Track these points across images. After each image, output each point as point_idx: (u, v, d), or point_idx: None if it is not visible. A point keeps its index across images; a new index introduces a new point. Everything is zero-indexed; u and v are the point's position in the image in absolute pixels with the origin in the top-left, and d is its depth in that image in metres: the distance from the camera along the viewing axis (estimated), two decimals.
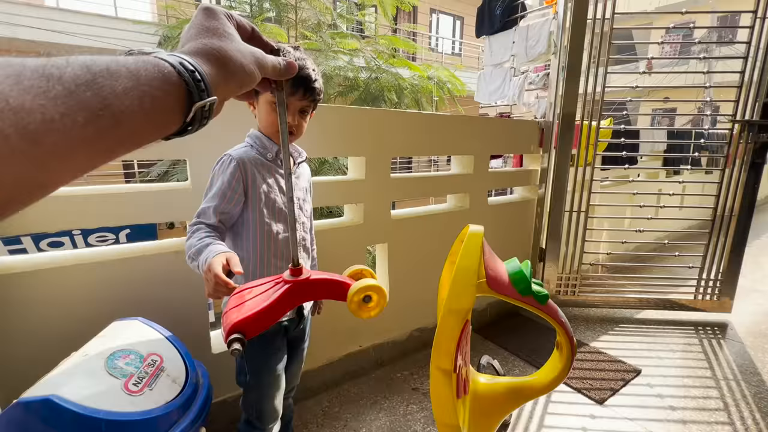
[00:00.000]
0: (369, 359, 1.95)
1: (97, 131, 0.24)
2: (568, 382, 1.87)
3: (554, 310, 0.83)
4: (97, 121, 0.24)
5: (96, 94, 0.24)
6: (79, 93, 0.23)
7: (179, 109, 0.31)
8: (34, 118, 0.21)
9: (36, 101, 0.21)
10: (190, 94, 0.31)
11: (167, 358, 0.97)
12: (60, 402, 0.73)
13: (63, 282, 1.16)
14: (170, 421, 0.86)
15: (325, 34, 6.12)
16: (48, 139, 0.21)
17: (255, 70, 0.39)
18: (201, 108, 0.33)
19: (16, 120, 0.20)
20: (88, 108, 0.23)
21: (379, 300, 0.71)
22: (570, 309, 2.64)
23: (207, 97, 0.33)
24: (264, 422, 1.12)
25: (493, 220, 2.38)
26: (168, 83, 0.30)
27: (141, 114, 0.27)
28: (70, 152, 0.23)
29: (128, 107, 0.26)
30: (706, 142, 2.79)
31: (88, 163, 0.25)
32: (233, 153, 1.03)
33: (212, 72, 0.34)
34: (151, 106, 0.28)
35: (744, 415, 1.67)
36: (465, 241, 0.79)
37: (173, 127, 0.32)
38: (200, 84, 0.32)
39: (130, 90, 0.26)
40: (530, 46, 3.25)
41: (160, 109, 0.29)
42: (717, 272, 2.53)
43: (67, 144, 0.23)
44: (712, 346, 2.23)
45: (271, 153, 1.07)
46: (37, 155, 0.21)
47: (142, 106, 0.27)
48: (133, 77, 0.27)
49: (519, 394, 0.89)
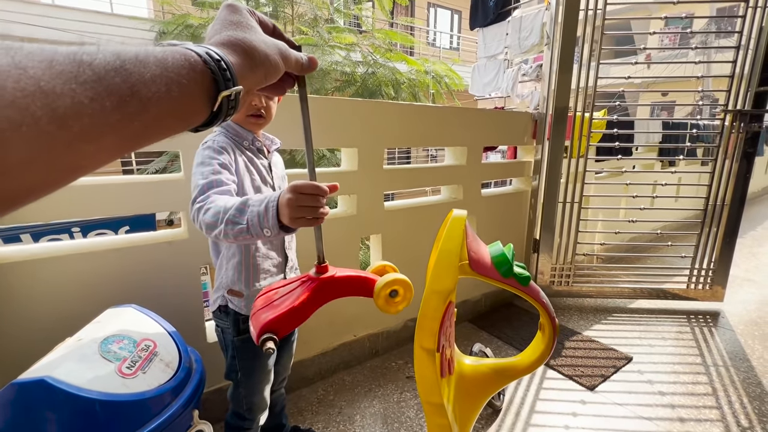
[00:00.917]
0: (364, 349, 1.97)
1: (125, 117, 0.25)
2: (559, 369, 1.90)
3: (536, 292, 0.85)
4: (125, 107, 0.24)
5: (124, 81, 0.24)
6: (108, 79, 0.24)
7: (206, 98, 0.32)
8: (63, 102, 0.21)
9: (67, 86, 0.21)
10: (216, 84, 0.32)
11: (160, 343, 0.99)
12: (54, 383, 0.76)
13: (58, 271, 1.18)
14: (163, 403, 0.89)
15: (322, 29, 6.10)
16: (77, 123, 0.22)
17: (279, 61, 0.40)
18: (227, 97, 0.33)
19: (46, 103, 0.20)
20: (116, 93, 0.24)
21: (406, 293, 0.71)
22: (563, 299, 2.67)
23: (233, 86, 0.33)
24: (254, 414, 1.13)
25: (486, 212, 2.39)
26: (194, 71, 0.30)
27: (168, 101, 0.28)
28: (98, 137, 0.24)
29: (155, 94, 0.26)
30: (699, 132, 2.80)
31: (115, 148, 0.26)
32: (212, 138, 0.98)
33: (238, 62, 0.35)
34: (178, 93, 0.28)
35: (732, 399, 1.70)
36: (448, 224, 0.81)
37: (200, 117, 0.33)
38: (226, 73, 0.32)
39: (158, 77, 0.27)
40: (523, 38, 3.25)
41: (187, 97, 0.30)
42: (709, 262, 2.56)
43: (95, 128, 0.23)
44: (704, 334, 2.26)
45: (247, 141, 1.03)
46: (66, 138, 0.22)
47: (169, 94, 0.27)
48: (161, 65, 0.27)
49: (503, 375, 0.91)
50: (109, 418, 0.80)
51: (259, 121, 1.03)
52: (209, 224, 0.80)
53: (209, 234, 0.81)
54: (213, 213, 0.79)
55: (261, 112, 1.01)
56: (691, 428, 1.54)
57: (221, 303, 1.07)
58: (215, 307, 1.09)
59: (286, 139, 1.27)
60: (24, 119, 0.20)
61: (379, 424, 1.56)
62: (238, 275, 1.04)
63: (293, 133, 1.43)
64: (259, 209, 0.72)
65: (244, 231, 0.74)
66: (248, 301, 1.05)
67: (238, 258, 1.03)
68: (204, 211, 0.81)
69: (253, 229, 0.73)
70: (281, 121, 1.28)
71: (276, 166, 1.14)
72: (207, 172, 0.89)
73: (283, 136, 1.23)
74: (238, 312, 1.06)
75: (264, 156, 1.08)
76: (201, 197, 0.85)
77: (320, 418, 1.59)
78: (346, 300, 0.76)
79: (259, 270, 1.06)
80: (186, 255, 1.37)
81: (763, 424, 1.55)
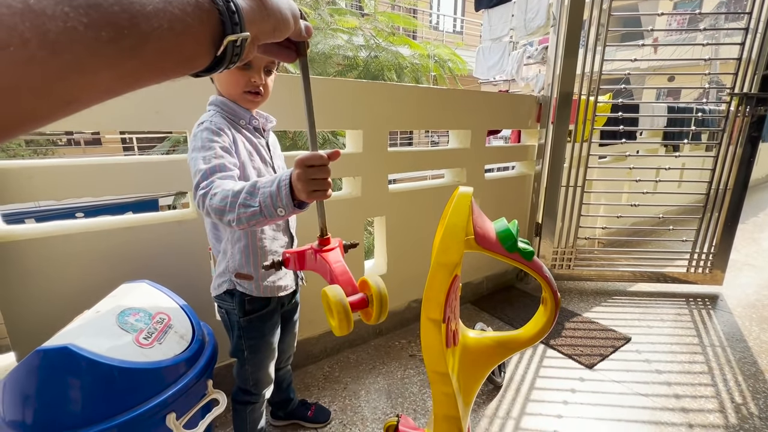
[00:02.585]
0: (368, 328, 2.02)
1: (122, 50, 0.23)
2: (559, 348, 1.95)
3: (539, 266, 0.88)
4: (123, 39, 0.22)
5: (124, 11, 0.22)
6: (106, 6, 0.22)
7: (210, 40, 0.29)
8: (55, 25, 0.19)
9: (59, 7, 0.19)
10: (223, 26, 0.30)
11: (174, 316, 1.02)
12: (77, 350, 0.79)
13: (74, 247, 1.22)
14: (179, 372, 0.93)
15: (324, 11, 6.01)
16: (69, 51, 0.20)
17: (290, 18, 0.39)
18: (233, 43, 0.31)
19: (36, 24, 0.19)
20: (114, 24, 0.22)
21: (335, 315, 0.64)
22: (564, 282, 2.70)
23: (240, 31, 0.31)
24: (260, 389, 1.17)
25: (489, 195, 2.41)
26: (200, 9, 0.28)
27: (170, 38, 0.25)
28: (93, 69, 0.22)
29: (156, 29, 0.24)
30: (705, 116, 2.79)
31: (110, 85, 0.24)
32: (208, 119, 0.95)
33: (248, 6, 0.33)
34: (181, 30, 0.26)
35: (727, 377, 1.74)
36: (455, 200, 0.83)
37: (203, 61, 0.30)
38: (234, 16, 0.30)
39: (160, 12, 0.24)
40: (529, 19, 3.21)
41: (191, 37, 0.27)
42: (710, 246, 2.58)
43: (89, 59, 0.21)
44: (702, 316, 2.29)
45: (244, 119, 1.00)
46: (58, 66, 0.20)
47: (171, 30, 0.25)
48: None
49: (505, 347, 0.94)
50: (129, 384, 0.84)
51: (257, 99, 0.99)
52: (218, 209, 0.78)
53: (219, 219, 0.79)
54: (221, 198, 0.77)
55: (259, 89, 0.97)
56: (687, 404, 1.58)
57: (228, 287, 1.06)
58: (221, 291, 1.08)
59: (284, 119, 1.27)
60: (11, 39, 0.18)
61: (384, 399, 1.62)
62: (246, 258, 1.03)
63: (290, 114, 1.43)
64: (271, 189, 0.71)
65: (257, 213, 0.73)
66: (258, 283, 1.06)
67: (244, 242, 1.03)
68: (210, 197, 0.79)
69: (267, 210, 0.72)
70: (279, 101, 1.28)
71: (274, 145, 1.12)
72: (209, 157, 0.87)
73: (281, 116, 1.21)
74: (245, 294, 1.06)
75: (261, 135, 1.06)
76: (205, 182, 0.83)
77: (326, 393, 1.64)
78: None
79: (267, 252, 1.05)
80: (195, 234, 1.40)
81: (756, 401, 1.60)
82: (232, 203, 0.75)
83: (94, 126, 1.25)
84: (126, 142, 9.25)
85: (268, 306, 1.11)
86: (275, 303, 1.13)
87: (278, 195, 0.71)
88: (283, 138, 5.03)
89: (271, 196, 0.71)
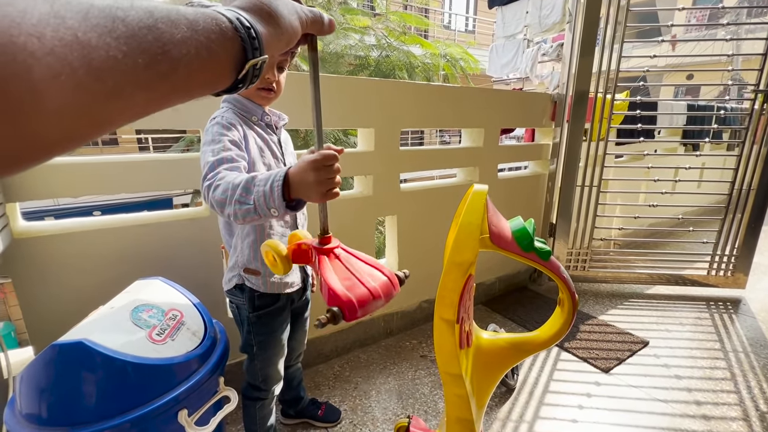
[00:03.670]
0: (378, 328, 2.01)
1: (155, 75, 0.25)
2: (573, 351, 1.90)
3: (556, 267, 0.85)
4: (156, 66, 0.25)
5: (156, 39, 0.25)
6: (141, 36, 0.24)
7: (232, 65, 0.32)
8: (99, 55, 0.21)
9: (102, 39, 0.22)
10: (244, 52, 0.32)
11: (187, 313, 1.02)
12: (91, 345, 0.80)
13: (91, 244, 1.24)
14: (191, 368, 0.93)
15: (336, 11, 6.03)
16: (110, 77, 0.22)
17: (298, 26, 0.40)
18: (253, 66, 0.33)
19: (83, 54, 0.21)
20: (148, 52, 0.24)
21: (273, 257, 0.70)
22: (579, 284, 2.65)
23: (260, 55, 0.33)
24: (269, 385, 1.17)
25: (503, 195, 2.37)
26: (224, 38, 0.30)
27: (197, 64, 0.28)
28: (130, 93, 0.24)
29: (185, 56, 0.27)
30: (727, 114, 2.70)
31: (143, 106, 0.26)
32: (220, 114, 0.96)
33: (265, 31, 0.35)
34: (207, 57, 0.29)
35: (751, 384, 1.68)
36: (469, 198, 0.81)
37: (225, 83, 0.33)
38: (254, 42, 0.32)
39: (188, 39, 0.27)
40: (544, 16, 3.15)
41: (215, 62, 0.30)
42: (732, 248, 2.49)
43: (127, 84, 0.24)
44: (723, 321, 2.22)
45: (256, 115, 1.01)
46: (100, 91, 0.22)
47: (198, 57, 0.28)
48: (192, 28, 0.27)
49: (520, 349, 0.92)
50: (142, 380, 0.84)
51: (270, 96, 1.00)
52: (219, 201, 0.78)
53: (221, 212, 0.79)
54: (222, 190, 0.78)
55: (272, 86, 0.99)
56: (708, 411, 1.53)
57: (237, 282, 1.08)
58: (231, 285, 1.09)
59: (295, 118, 1.27)
60: (63, 69, 0.20)
61: (394, 399, 1.60)
62: (254, 253, 1.04)
63: (302, 113, 1.43)
64: (265, 189, 0.71)
65: (252, 211, 0.73)
66: (265, 279, 1.06)
67: (253, 237, 1.04)
68: (213, 188, 0.80)
69: (260, 209, 0.72)
70: (291, 100, 1.28)
71: (286, 142, 1.12)
72: (217, 149, 0.87)
73: (293, 114, 1.21)
74: (254, 289, 1.07)
75: (273, 132, 1.07)
76: (211, 174, 0.83)
77: (336, 393, 1.64)
78: None
79: None
80: (207, 232, 1.40)
81: None
82: (231, 197, 0.75)
83: None
84: (142, 141, 9.43)
85: (277, 302, 1.11)
86: (285, 300, 1.13)
87: (271, 196, 0.70)
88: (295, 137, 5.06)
89: (264, 196, 0.71)
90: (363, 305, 0.66)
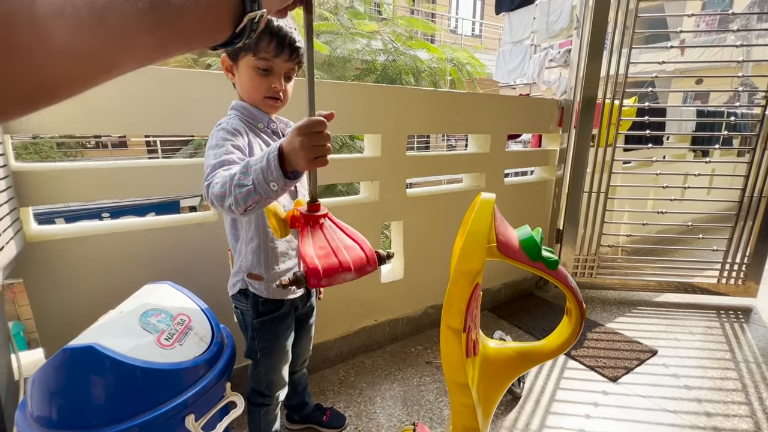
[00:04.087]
0: (384, 333, 2.00)
1: (155, 22, 0.26)
2: (581, 359, 1.88)
3: (564, 276, 0.85)
4: (156, 12, 0.25)
5: None
6: None
7: (231, 17, 0.32)
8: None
9: None
10: (242, 3, 0.32)
11: (194, 318, 1.03)
12: (101, 349, 0.81)
13: (101, 247, 1.26)
14: (198, 373, 0.93)
15: (344, 16, 6.08)
16: (112, 20, 0.23)
17: None
18: (251, 19, 0.34)
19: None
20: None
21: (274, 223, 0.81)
22: (586, 291, 2.62)
23: (258, 9, 0.33)
24: (273, 391, 1.17)
25: (509, 201, 2.37)
26: None
27: (196, 13, 0.28)
28: (131, 38, 0.25)
29: (184, 3, 0.27)
30: (737, 120, 2.67)
31: (145, 53, 0.27)
32: (226, 120, 0.98)
33: None
34: (206, 7, 0.29)
35: (762, 396, 1.65)
36: (477, 207, 0.81)
37: (223, 35, 0.33)
38: None
39: None
40: (552, 22, 3.15)
41: (213, 12, 0.30)
42: (743, 256, 2.46)
43: (129, 28, 0.24)
44: (734, 330, 2.18)
45: (262, 122, 1.02)
46: (102, 34, 0.23)
47: (198, 5, 0.28)
48: None
49: (527, 358, 0.91)
50: (150, 384, 0.85)
51: (277, 104, 1.01)
52: (219, 195, 0.78)
53: (222, 205, 0.79)
54: (220, 184, 0.78)
55: (279, 95, 0.99)
56: (719, 423, 1.50)
57: (241, 287, 1.08)
58: (235, 290, 1.10)
59: None
60: (65, 6, 0.20)
61: (399, 405, 1.60)
62: (257, 259, 1.05)
63: None
64: (262, 164, 0.71)
65: (252, 192, 0.73)
66: (268, 285, 1.07)
67: (256, 242, 1.04)
68: (212, 186, 0.81)
69: (260, 186, 0.72)
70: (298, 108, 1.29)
71: None
72: (219, 153, 0.88)
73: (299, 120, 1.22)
74: (258, 295, 1.08)
75: (279, 138, 1.05)
76: (210, 175, 0.84)
77: (341, 398, 1.63)
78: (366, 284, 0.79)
79: (278, 254, 1.06)
80: (215, 237, 1.42)
81: None
82: (230, 186, 0.76)
83: (121, 129, 1.28)
84: (150, 145, 9.54)
85: (281, 308, 1.11)
86: (288, 306, 1.13)
87: (268, 169, 0.70)
88: None
89: (262, 171, 0.71)
90: (329, 275, 0.70)
